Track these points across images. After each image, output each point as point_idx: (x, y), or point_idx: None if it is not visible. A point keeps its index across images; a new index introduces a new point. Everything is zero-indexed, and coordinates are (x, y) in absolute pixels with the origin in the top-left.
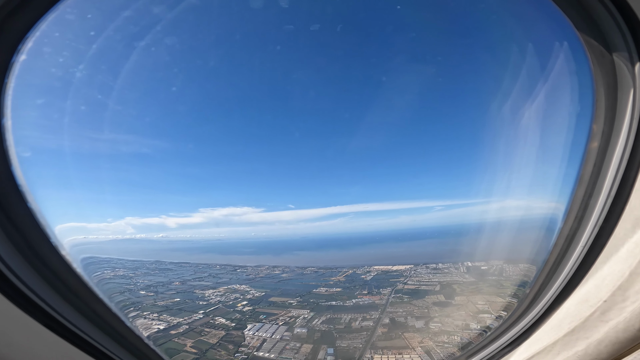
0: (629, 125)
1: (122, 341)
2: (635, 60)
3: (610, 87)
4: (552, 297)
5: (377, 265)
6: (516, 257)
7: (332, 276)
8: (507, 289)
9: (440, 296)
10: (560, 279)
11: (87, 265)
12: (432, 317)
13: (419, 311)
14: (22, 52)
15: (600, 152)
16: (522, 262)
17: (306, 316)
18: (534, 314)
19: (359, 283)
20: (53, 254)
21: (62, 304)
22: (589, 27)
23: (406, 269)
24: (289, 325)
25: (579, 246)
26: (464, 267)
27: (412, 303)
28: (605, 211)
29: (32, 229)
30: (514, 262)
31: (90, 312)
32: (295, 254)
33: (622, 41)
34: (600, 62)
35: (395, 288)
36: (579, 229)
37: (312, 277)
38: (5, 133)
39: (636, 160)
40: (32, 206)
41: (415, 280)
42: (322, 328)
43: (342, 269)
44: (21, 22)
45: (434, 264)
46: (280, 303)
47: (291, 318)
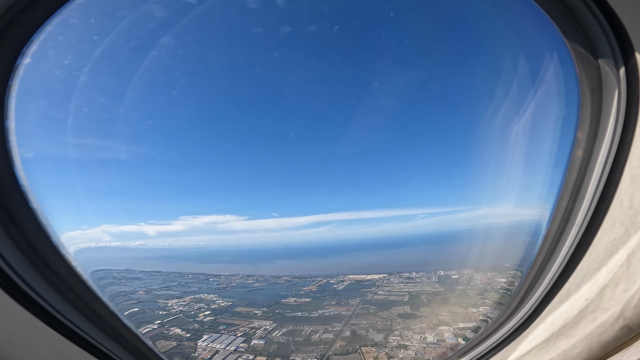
0: (613, 129)
1: (120, 339)
2: (619, 65)
3: (595, 91)
4: (539, 299)
5: (351, 274)
6: (488, 265)
7: (304, 286)
8: (472, 299)
9: (407, 307)
10: (546, 280)
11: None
12: (393, 330)
13: (382, 323)
14: (27, 55)
15: (585, 157)
16: (492, 271)
17: (268, 327)
18: (521, 315)
19: (330, 293)
20: (53, 253)
21: (61, 302)
22: (577, 34)
23: (380, 278)
24: (247, 337)
25: (564, 248)
26: (436, 276)
27: (378, 314)
28: (590, 214)
29: (34, 228)
30: (484, 271)
31: (89, 310)
32: (273, 263)
33: (607, 47)
34: (586, 67)
35: (364, 298)
36: (564, 232)
37: (285, 287)
38: (8, 134)
39: (619, 164)
40: (33, 206)
41: (386, 290)
42: (281, 340)
43: (317, 278)
44: (26, 25)
45: (408, 272)
46: (245, 313)
47: (252, 329)
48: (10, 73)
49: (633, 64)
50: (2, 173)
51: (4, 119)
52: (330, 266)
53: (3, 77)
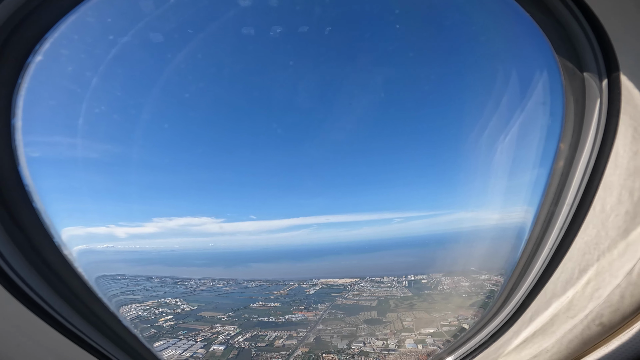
0: (593, 138)
1: (118, 340)
2: (603, 78)
3: (579, 102)
4: (522, 298)
5: (324, 278)
6: (456, 269)
7: (275, 290)
8: (437, 304)
9: (374, 313)
10: (528, 281)
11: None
12: (357, 337)
13: (347, 329)
14: (40, 53)
15: (567, 164)
16: (458, 275)
17: (231, 332)
18: (504, 314)
19: (300, 297)
20: (53, 253)
21: (59, 302)
22: (566, 47)
23: (351, 282)
24: (207, 342)
25: (545, 251)
26: (407, 280)
27: (344, 320)
28: (571, 215)
29: (36, 227)
30: (451, 275)
31: (87, 311)
32: (248, 266)
33: (593, 60)
34: (571, 78)
35: (333, 303)
36: (545, 236)
37: (255, 291)
38: (15, 133)
39: (598, 172)
40: (37, 206)
41: (356, 294)
42: (243, 346)
43: (289, 282)
44: (40, 22)
45: (380, 277)
46: (209, 318)
47: (214, 334)
48: (21, 70)
49: (615, 77)
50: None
51: (11, 117)
52: (304, 270)
53: (13, 74)
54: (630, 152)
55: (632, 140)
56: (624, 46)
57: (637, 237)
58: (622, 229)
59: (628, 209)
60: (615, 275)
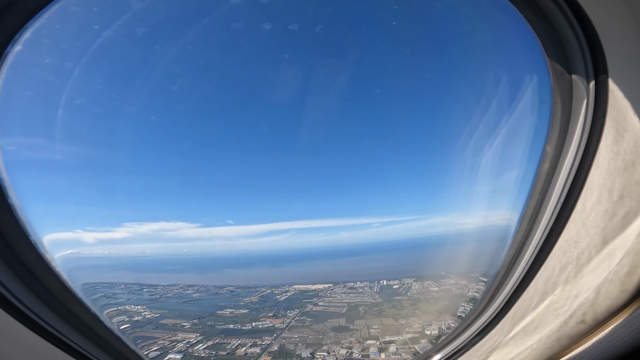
0: (579, 139)
1: (101, 342)
2: (590, 79)
3: (566, 104)
4: (507, 296)
5: (297, 284)
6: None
7: (246, 296)
8: (405, 310)
9: (342, 320)
10: (512, 280)
11: None
12: (322, 345)
13: (313, 337)
14: (19, 43)
15: (553, 163)
16: (429, 279)
17: (192, 340)
18: (490, 313)
19: (271, 304)
20: (30, 254)
21: (39, 304)
22: (556, 49)
23: (324, 288)
24: (163, 351)
25: (530, 247)
26: (378, 286)
27: (311, 327)
28: (555, 215)
29: (11, 224)
30: (422, 280)
31: (69, 314)
32: (221, 272)
33: (582, 63)
34: (560, 80)
35: (303, 310)
36: (531, 233)
37: (225, 297)
38: None
39: (584, 168)
40: (11, 202)
41: (327, 301)
42: (202, 354)
43: (261, 288)
44: (21, 12)
45: (353, 282)
46: (171, 326)
47: (172, 342)
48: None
49: (603, 79)
50: None
51: None
52: (278, 275)
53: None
54: (611, 153)
55: (614, 142)
56: (614, 49)
57: (615, 236)
58: (601, 228)
59: (607, 208)
60: (594, 273)
